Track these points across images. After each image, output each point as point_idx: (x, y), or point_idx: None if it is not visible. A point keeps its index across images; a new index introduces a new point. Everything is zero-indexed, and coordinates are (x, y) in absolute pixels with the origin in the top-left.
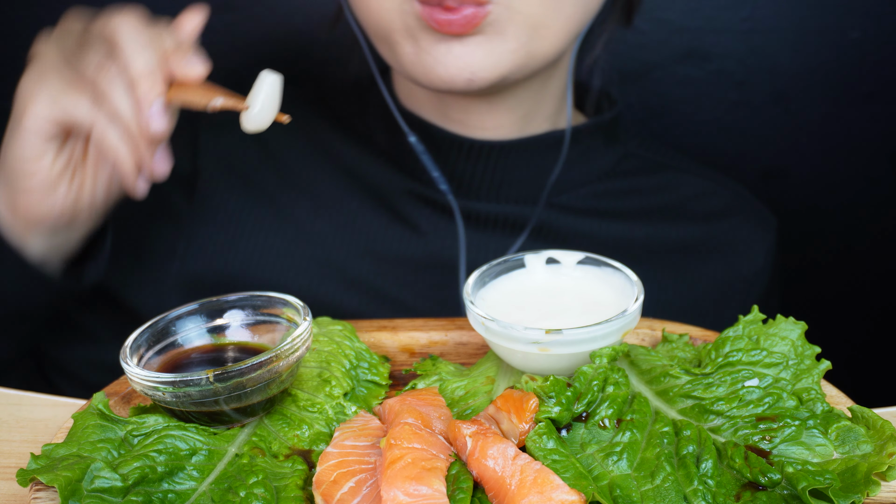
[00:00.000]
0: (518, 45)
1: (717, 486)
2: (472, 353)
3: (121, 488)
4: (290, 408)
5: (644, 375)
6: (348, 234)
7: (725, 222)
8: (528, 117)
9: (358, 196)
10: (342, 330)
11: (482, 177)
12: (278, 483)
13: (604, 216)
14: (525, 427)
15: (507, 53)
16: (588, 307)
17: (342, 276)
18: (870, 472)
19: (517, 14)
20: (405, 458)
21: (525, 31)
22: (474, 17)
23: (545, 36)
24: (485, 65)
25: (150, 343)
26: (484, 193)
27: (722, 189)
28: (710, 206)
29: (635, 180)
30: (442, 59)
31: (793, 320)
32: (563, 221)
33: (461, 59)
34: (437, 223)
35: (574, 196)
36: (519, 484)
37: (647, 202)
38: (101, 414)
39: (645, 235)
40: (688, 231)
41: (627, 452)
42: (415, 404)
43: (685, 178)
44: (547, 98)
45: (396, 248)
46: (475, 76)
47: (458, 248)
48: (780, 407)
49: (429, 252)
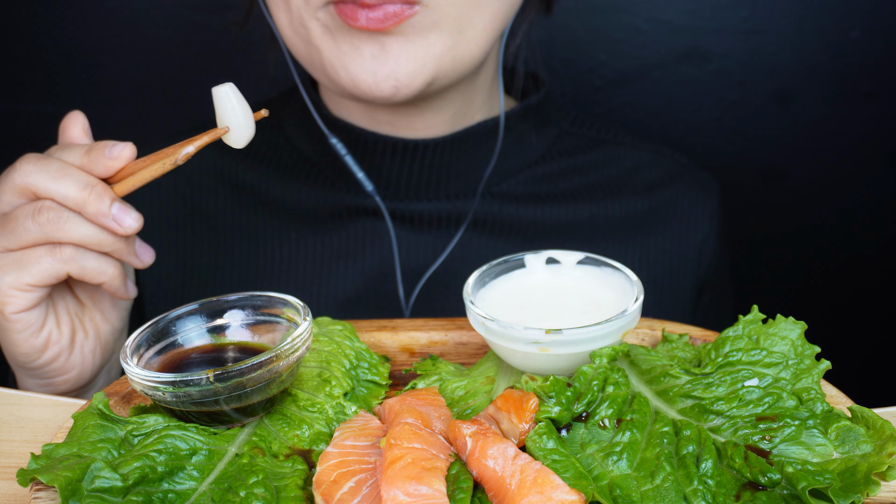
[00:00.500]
0: (443, 49)
1: (716, 486)
2: (472, 353)
3: (121, 488)
4: (290, 408)
5: (644, 375)
6: (291, 265)
7: (667, 191)
8: (460, 113)
9: (294, 226)
10: (342, 330)
11: (417, 177)
12: (278, 483)
13: (544, 200)
14: (525, 427)
15: (431, 58)
16: (588, 307)
17: (306, 298)
18: (870, 471)
19: (443, 17)
20: (405, 458)
21: (450, 35)
22: (399, 13)
23: (471, 38)
24: (409, 70)
25: (150, 343)
26: (422, 193)
27: (660, 158)
28: (651, 176)
29: (572, 159)
30: (368, 66)
31: (793, 320)
32: (504, 211)
33: (387, 65)
34: (373, 229)
35: (512, 183)
36: (519, 484)
37: (587, 180)
38: (102, 414)
39: (588, 215)
40: (631, 205)
41: (627, 452)
42: (415, 404)
43: (623, 150)
44: (477, 90)
45: (336, 267)
46: (400, 83)
47: (392, 252)
48: (779, 407)
49: (368, 261)
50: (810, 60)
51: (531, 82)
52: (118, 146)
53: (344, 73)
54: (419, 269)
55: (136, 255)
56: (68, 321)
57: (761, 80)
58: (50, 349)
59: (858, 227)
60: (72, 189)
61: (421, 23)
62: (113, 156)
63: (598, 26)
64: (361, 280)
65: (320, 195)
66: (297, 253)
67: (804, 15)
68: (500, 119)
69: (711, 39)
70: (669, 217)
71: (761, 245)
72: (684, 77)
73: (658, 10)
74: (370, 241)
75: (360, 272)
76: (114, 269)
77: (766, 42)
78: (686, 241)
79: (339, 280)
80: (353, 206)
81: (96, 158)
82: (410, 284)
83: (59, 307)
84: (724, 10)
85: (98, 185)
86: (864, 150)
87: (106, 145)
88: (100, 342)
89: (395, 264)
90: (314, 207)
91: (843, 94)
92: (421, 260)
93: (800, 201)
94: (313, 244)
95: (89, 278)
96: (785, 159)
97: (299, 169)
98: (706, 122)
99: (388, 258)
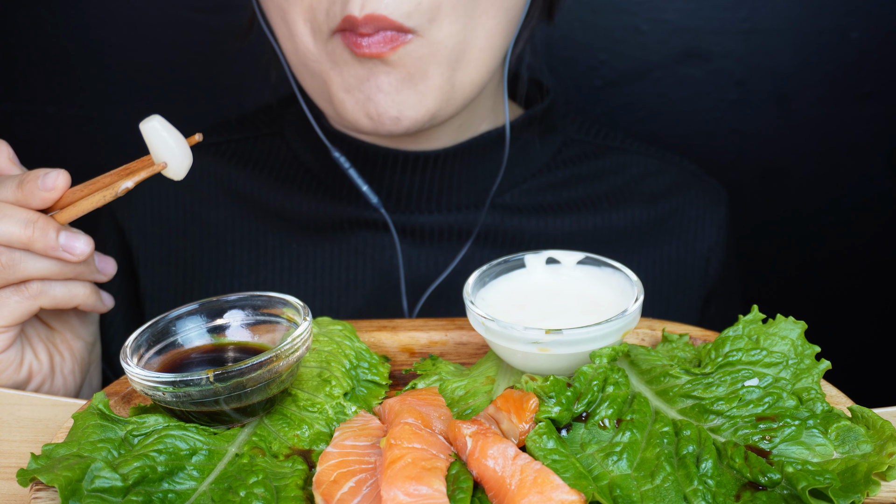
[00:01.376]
0: (443, 80)
1: (716, 486)
2: (472, 353)
3: (121, 488)
4: (290, 408)
5: (644, 375)
6: (292, 276)
7: (674, 200)
8: (465, 124)
9: (295, 236)
10: (342, 330)
11: (419, 189)
12: (278, 483)
13: (549, 211)
14: (525, 427)
15: (433, 90)
16: (588, 307)
17: None
18: (870, 471)
19: (440, 48)
20: (405, 458)
21: (448, 65)
22: (395, 37)
23: (472, 69)
24: (411, 103)
25: (150, 343)
26: (424, 205)
27: (668, 166)
28: (658, 185)
29: (577, 168)
30: (374, 97)
31: (792, 320)
32: (508, 222)
33: (389, 96)
34: (375, 241)
35: (517, 193)
36: (519, 484)
37: (593, 189)
38: (102, 414)
39: (593, 225)
40: (637, 214)
41: (627, 452)
42: (415, 404)
43: (629, 158)
44: (481, 100)
45: (339, 279)
46: (402, 115)
47: (398, 265)
48: (780, 406)
49: (371, 273)
50: (810, 60)
51: (535, 88)
52: (51, 175)
53: (350, 108)
54: (422, 281)
55: (99, 272)
56: (44, 348)
57: (761, 80)
58: (34, 380)
59: (858, 227)
60: (14, 229)
61: (418, 53)
62: (48, 187)
63: (598, 26)
64: (363, 292)
65: (321, 206)
66: (297, 263)
67: (804, 15)
68: (506, 130)
69: (711, 39)
70: (676, 226)
71: (761, 245)
72: (684, 77)
73: (658, 10)
74: (372, 253)
75: (363, 284)
76: (83, 289)
77: (766, 42)
78: (693, 250)
79: (341, 292)
80: (354, 218)
81: (31, 192)
82: (414, 297)
83: (32, 338)
84: (724, 10)
85: (39, 219)
86: (864, 150)
87: (38, 175)
88: (76, 361)
89: (400, 277)
90: (316, 218)
91: (843, 94)
92: (423, 272)
93: (799, 201)
94: (314, 255)
95: (63, 305)
96: (784, 159)
97: (300, 179)
98: (706, 122)
99: (391, 270)
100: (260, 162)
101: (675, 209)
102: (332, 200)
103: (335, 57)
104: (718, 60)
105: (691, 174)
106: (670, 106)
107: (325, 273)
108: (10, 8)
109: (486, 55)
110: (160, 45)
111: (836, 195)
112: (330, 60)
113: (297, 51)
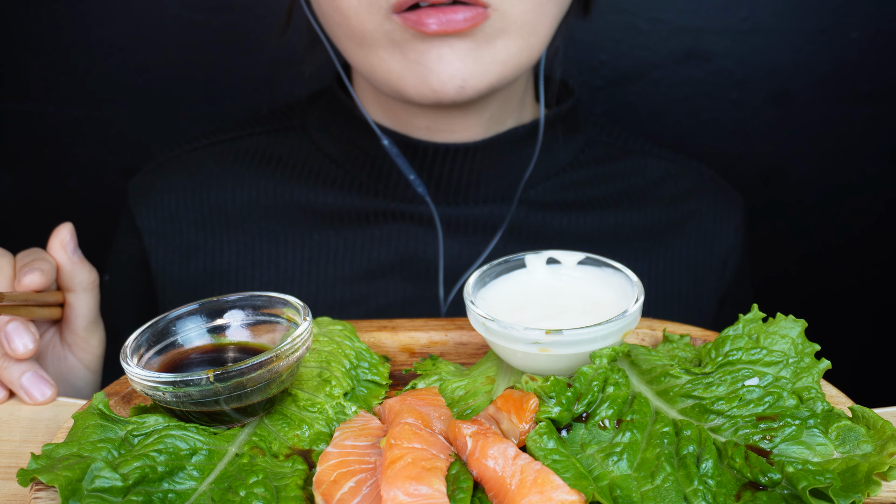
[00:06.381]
0: (507, 55)
1: (717, 486)
2: (472, 353)
3: (121, 488)
4: (290, 408)
5: (644, 375)
6: (314, 267)
7: (693, 203)
8: (495, 118)
9: (317, 228)
10: (342, 330)
11: (449, 179)
12: (278, 483)
13: (571, 208)
14: (525, 427)
15: (496, 64)
16: (588, 307)
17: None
18: (870, 471)
19: (511, 23)
20: (405, 458)
21: (515, 42)
22: (476, 17)
23: (534, 44)
24: (475, 72)
25: (150, 343)
26: (453, 197)
27: (686, 170)
28: (677, 187)
29: (599, 168)
30: (434, 67)
31: (793, 318)
32: (531, 218)
33: (452, 64)
34: (416, 232)
35: (540, 190)
36: (519, 484)
37: (614, 188)
38: (102, 414)
39: (614, 224)
40: (656, 215)
41: (627, 453)
42: (415, 404)
43: (649, 161)
44: (512, 95)
45: (363, 269)
46: (466, 83)
47: (438, 254)
48: (780, 406)
49: (400, 266)
50: (810, 60)
51: (561, 88)
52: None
53: (411, 81)
54: (447, 272)
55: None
56: None
57: (761, 80)
58: None
59: (858, 226)
60: None
61: (491, 27)
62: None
63: (598, 26)
64: (387, 283)
65: (344, 197)
66: (318, 254)
67: (804, 15)
68: (540, 125)
69: (711, 39)
70: (695, 228)
71: (761, 245)
72: (684, 77)
73: (658, 10)
74: (397, 244)
75: (389, 273)
76: None
77: (766, 42)
78: (710, 253)
79: (363, 283)
80: (381, 210)
81: None
82: (446, 288)
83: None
84: (724, 10)
85: None
86: (864, 150)
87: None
88: (87, 379)
89: (440, 267)
90: (338, 209)
91: (843, 94)
92: (449, 264)
93: (799, 201)
94: (335, 246)
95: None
96: (785, 159)
97: (325, 171)
98: (706, 122)
99: (414, 262)
100: (283, 155)
101: (693, 212)
102: (355, 191)
103: (393, 35)
104: (718, 60)
105: (710, 179)
106: (670, 106)
107: (347, 264)
108: (10, 8)
109: (546, 40)
110: (160, 45)
111: (836, 195)
112: (388, 38)
113: (351, 32)
